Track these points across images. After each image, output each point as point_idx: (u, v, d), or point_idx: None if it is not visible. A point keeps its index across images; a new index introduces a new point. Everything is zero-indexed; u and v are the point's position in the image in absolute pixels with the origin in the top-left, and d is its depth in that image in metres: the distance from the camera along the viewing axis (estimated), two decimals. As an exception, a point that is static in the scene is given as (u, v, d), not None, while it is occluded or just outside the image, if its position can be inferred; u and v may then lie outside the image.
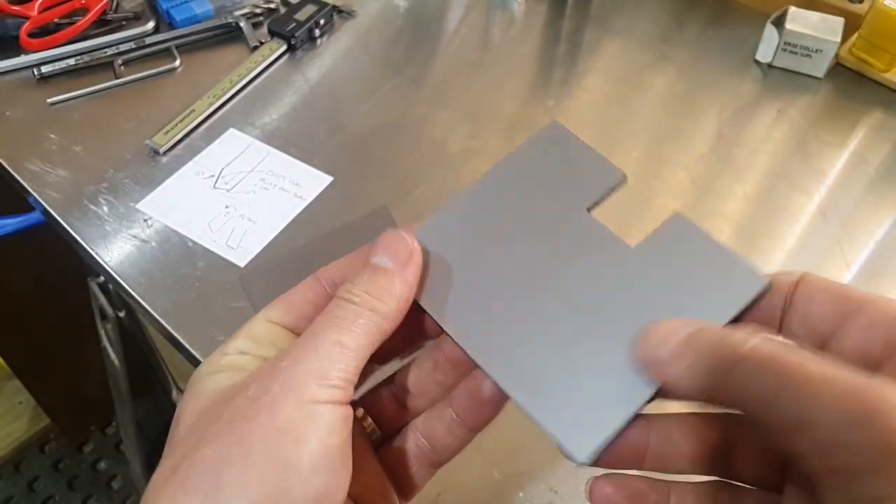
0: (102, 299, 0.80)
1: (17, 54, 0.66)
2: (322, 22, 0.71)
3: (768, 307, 0.24)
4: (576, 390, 0.24)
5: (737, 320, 0.24)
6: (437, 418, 0.27)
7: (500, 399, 0.26)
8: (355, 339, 0.23)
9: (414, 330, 0.27)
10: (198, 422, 0.22)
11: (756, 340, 0.20)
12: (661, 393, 0.23)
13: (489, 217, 0.27)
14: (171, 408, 1.16)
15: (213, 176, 0.59)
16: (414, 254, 0.25)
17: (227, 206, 0.57)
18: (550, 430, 0.23)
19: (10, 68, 0.66)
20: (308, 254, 0.54)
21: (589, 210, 0.27)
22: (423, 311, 0.26)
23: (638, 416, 0.23)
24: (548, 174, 0.28)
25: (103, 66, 0.67)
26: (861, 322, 0.21)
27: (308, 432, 0.21)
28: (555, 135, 0.29)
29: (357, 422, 0.26)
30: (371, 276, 0.24)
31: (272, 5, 0.73)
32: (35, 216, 0.60)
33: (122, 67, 0.67)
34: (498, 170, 0.28)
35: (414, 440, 0.27)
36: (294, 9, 0.71)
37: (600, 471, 0.24)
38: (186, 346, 0.49)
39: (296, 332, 0.26)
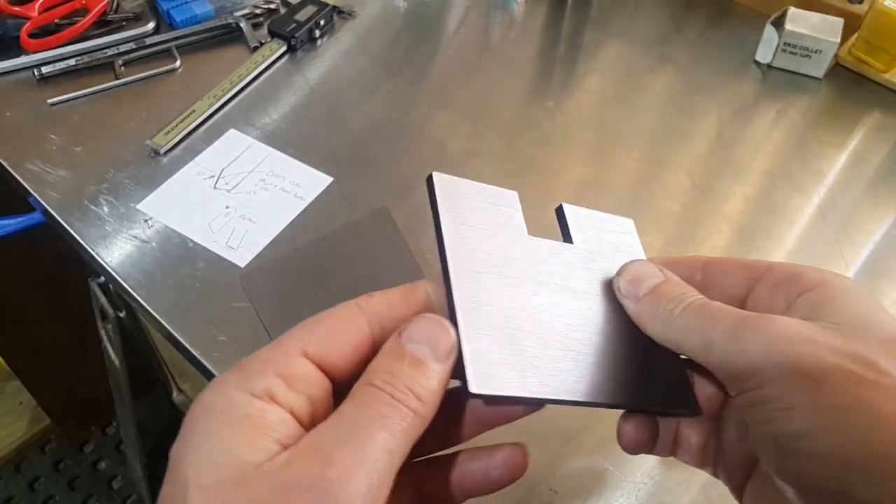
0: (103, 299, 0.80)
1: (18, 55, 0.66)
2: (322, 23, 0.71)
3: (691, 282, 0.29)
4: (642, 369, 0.27)
5: None
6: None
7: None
8: (402, 446, 0.21)
9: (445, 430, 0.27)
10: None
11: (690, 299, 0.26)
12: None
13: (484, 278, 0.27)
14: (171, 408, 1.16)
15: (213, 176, 0.59)
16: (454, 349, 0.24)
17: (227, 207, 0.57)
18: (666, 411, 0.28)
19: (10, 69, 0.66)
20: (309, 254, 0.54)
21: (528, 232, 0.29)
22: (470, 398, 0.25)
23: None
24: (477, 227, 0.28)
25: (104, 67, 0.67)
26: (769, 283, 0.27)
27: None
28: (449, 190, 0.29)
29: None
30: (413, 371, 0.23)
31: (272, 6, 0.73)
32: (35, 216, 0.60)
33: (122, 68, 0.67)
34: (452, 243, 0.27)
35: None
36: (294, 9, 0.71)
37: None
38: (187, 346, 0.49)
39: (329, 374, 0.24)
